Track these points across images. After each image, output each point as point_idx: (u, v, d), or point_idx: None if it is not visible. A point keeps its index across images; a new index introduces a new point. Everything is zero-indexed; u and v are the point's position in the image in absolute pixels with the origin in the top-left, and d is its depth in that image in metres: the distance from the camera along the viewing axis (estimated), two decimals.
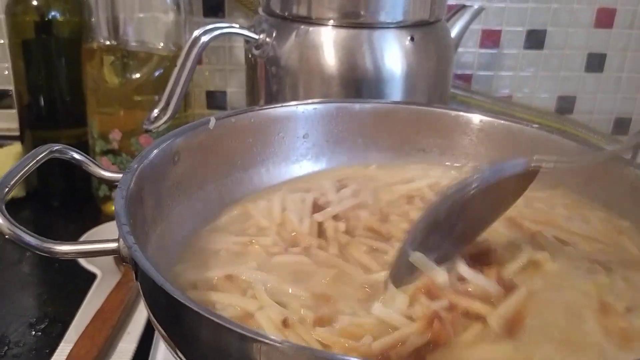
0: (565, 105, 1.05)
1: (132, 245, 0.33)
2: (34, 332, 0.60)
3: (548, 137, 0.53)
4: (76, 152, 0.46)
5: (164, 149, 0.46)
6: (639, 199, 0.47)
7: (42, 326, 0.61)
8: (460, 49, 1.00)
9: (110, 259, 0.68)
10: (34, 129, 0.85)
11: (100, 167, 0.46)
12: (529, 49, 1.00)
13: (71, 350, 0.56)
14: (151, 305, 0.35)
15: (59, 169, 0.84)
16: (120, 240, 0.36)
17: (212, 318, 0.29)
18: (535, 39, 1.00)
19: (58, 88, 0.84)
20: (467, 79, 1.03)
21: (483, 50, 1.01)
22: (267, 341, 0.29)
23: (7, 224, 0.36)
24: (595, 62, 1.02)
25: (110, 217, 0.77)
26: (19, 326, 0.61)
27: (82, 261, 0.69)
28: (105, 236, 0.69)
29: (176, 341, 0.33)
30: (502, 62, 1.02)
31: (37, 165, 0.43)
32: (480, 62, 1.02)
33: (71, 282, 0.67)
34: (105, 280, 0.67)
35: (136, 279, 0.36)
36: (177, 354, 0.34)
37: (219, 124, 0.52)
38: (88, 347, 0.57)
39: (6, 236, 0.37)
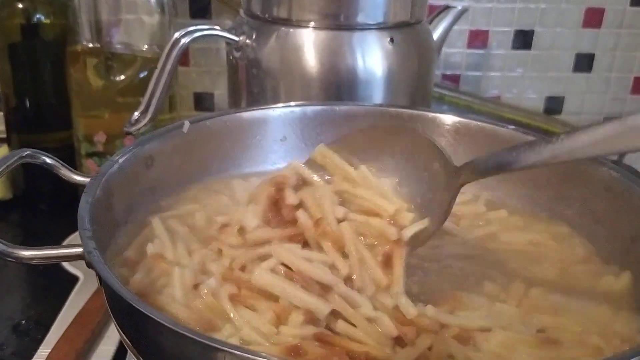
0: (554, 105, 1.05)
1: (91, 250, 0.33)
2: (16, 335, 0.60)
3: (524, 138, 0.53)
4: (47, 157, 0.46)
5: (135, 153, 0.46)
6: (612, 200, 0.47)
7: (25, 329, 0.61)
8: (448, 50, 1.00)
9: None
10: (20, 132, 0.85)
11: (72, 171, 0.46)
12: (517, 49, 1.00)
13: (49, 354, 0.56)
14: (113, 311, 0.35)
15: (46, 171, 0.84)
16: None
17: (166, 324, 0.29)
18: (523, 40, 1.00)
19: (44, 91, 0.84)
20: (455, 79, 1.02)
21: (471, 51, 1.01)
22: (230, 350, 0.29)
23: None
24: (584, 63, 1.02)
25: None
26: (2, 329, 0.61)
27: (65, 263, 0.69)
28: None
29: (138, 349, 0.33)
30: (490, 63, 1.01)
31: (7, 171, 0.43)
32: (469, 62, 1.01)
33: (55, 284, 0.67)
34: (86, 283, 0.67)
35: (100, 283, 0.36)
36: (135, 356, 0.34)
37: (193, 127, 0.52)
38: (66, 351, 0.57)
39: None
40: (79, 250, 0.37)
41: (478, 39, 1.00)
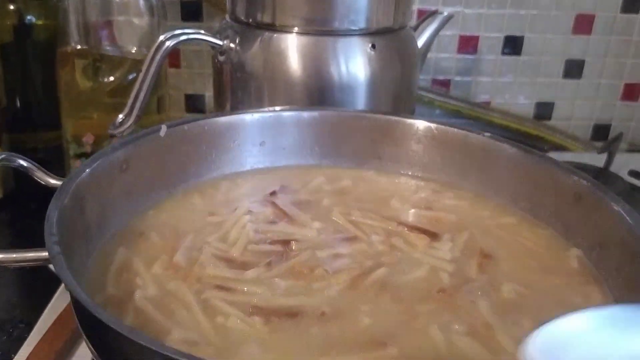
0: (544, 111, 1.05)
1: (55, 255, 0.34)
2: (1, 334, 0.60)
3: (498, 145, 0.54)
4: (22, 159, 0.47)
5: (109, 157, 0.47)
6: (582, 208, 0.47)
7: (9, 330, 0.61)
8: (438, 55, 1.01)
9: None
10: (11, 132, 0.86)
11: (47, 174, 0.47)
12: (507, 55, 1.01)
13: (29, 355, 0.56)
14: (77, 316, 0.36)
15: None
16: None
17: (127, 336, 0.29)
18: (513, 45, 1.00)
19: (35, 91, 0.84)
20: (445, 84, 1.03)
21: (461, 56, 1.01)
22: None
23: None
24: (574, 69, 1.02)
25: None
26: None
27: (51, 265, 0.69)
28: None
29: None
30: (480, 68, 1.02)
31: None
32: (459, 67, 1.02)
33: (41, 284, 0.67)
34: None
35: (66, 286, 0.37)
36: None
37: (170, 131, 0.52)
38: (46, 351, 0.57)
39: None
40: (44, 254, 0.37)
41: (468, 44, 1.00)
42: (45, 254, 0.37)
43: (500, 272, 0.45)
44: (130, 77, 0.80)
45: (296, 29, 0.65)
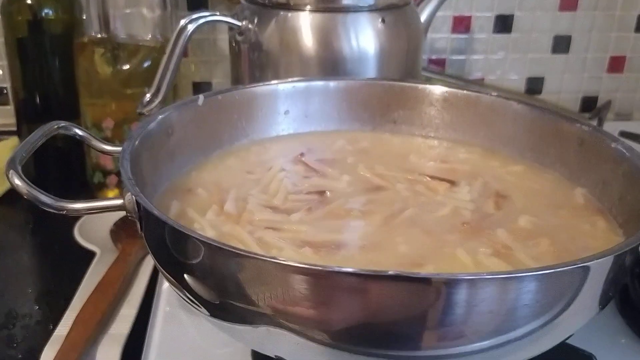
0: (535, 86, 1.10)
1: (138, 194, 0.38)
2: (38, 307, 0.63)
3: (505, 103, 0.59)
4: (79, 129, 0.51)
5: (160, 121, 0.52)
6: (585, 151, 0.53)
7: (46, 301, 0.65)
8: (433, 35, 1.06)
9: (107, 237, 0.73)
10: (30, 123, 0.89)
11: (101, 141, 0.51)
12: (498, 33, 1.06)
13: (77, 316, 0.60)
14: (155, 248, 0.40)
15: (54, 157, 0.88)
16: (126, 195, 0.41)
17: (212, 243, 0.33)
18: (503, 24, 1.05)
19: (52, 83, 0.87)
20: (441, 63, 1.08)
21: (455, 36, 1.06)
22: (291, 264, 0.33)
23: (25, 186, 0.41)
24: (562, 44, 1.07)
25: None
26: (25, 302, 0.64)
27: (81, 240, 0.73)
28: (100, 222, 0.72)
29: (184, 285, 0.38)
30: (473, 47, 1.07)
31: (46, 139, 0.48)
32: (453, 47, 1.07)
33: (71, 261, 0.70)
34: (103, 257, 0.70)
35: (141, 229, 0.41)
36: (186, 297, 0.38)
37: (207, 101, 0.57)
38: (92, 312, 0.61)
39: (24, 196, 0.42)
40: (119, 201, 0.42)
41: (461, 24, 1.05)
42: (118, 201, 0.42)
43: (514, 208, 0.51)
44: (146, 64, 0.84)
45: (309, 7, 0.70)
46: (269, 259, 0.34)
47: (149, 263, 0.67)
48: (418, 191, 0.53)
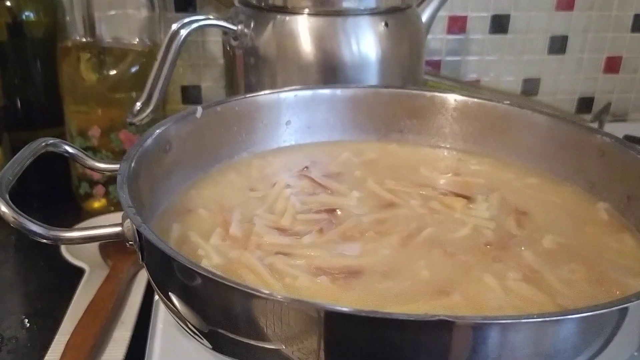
0: (531, 87, 1.08)
1: (140, 224, 0.35)
2: (26, 328, 0.61)
3: (519, 112, 0.56)
4: (69, 146, 0.47)
5: (157, 137, 0.48)
6: (607, 164, 0.50)
7: (35, 321, 0.62)
8: (429, 36, 1.02)
9: (96, 253, 0.69)
10: (11, 131, 0.85)
11: (93, 158, 0.48)
12: (494, 34, 1.04)
13: (68, 341, 0.56)
14: (160, 281, 0.37)
15: (38, 168, 0.84)
16: (125, 222, 0.38)
17: (229, 284, 0.30)
18: (499, 24, 1.03)
19: (33, 89, 0.84)
20: (436, 65, 1.05)
21: (450, 37, 1.03)
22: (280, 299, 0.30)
23: (12, 213, 0.38)
24: (558, 45, 1.06)
25: (91, 215, 0.78)
26: (11, 323, 0.61)
27: (69, 257, 0.70)
28: None
29: (188, 315, 0.35)
30: (468, 48, 1.05)
31: (34, 158, 0.44)
32: (448, 48, 1.04)
33: (59, 279, 0.68)
34: (93, 274, 0.67)
35: (142, 259, 0.38)
36: (187, 327, 0.35)
37: (205, 113, 0.54)
38: (84, 336, 0.57)
39: (11, 224, 0.38)
40: (117, 229, 0.39)
41: (457, 24, 1.03)
42: (116, 229, 0.39)
43: (537, 226, 0.48)
44: (133, 69, 0.80)
45: (307, 10, 0.67)
46: (289, 300, 0.30)
47: (142, 280, 0.64)
48: (433, 208, 0.50)
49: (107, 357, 0.55)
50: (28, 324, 0.61)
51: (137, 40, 0.81)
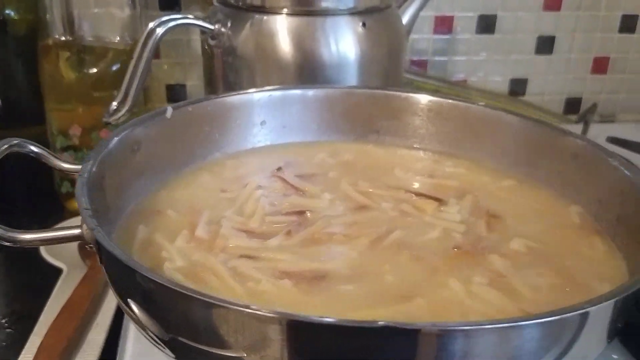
0: (518, 87, 1.08)
1: (94, 227, 0.34)
2: (3, 328, 0.60)
3: (493, 113, 0.56)
4: (34, 146, 0.47)
5: (123, 138, 0.47)
6: (579, 166, 0.50)
7: (11, 322, 0.61)
8: (415, 36, 1.02)
9: (75, 253, 0.69)
10: None
11: (58, 159, 0.47)
12: (481, 34, 1.03)
13: (41, 343, 0.56)
14: (118, 287, 0.36)
15: (19, 167, 0.83)
16: (84, 225, 0.37)
17: (181, 291, 0.30)
18: (486, 24, 1.02)
19: (15, 87, 0.83)
20: (422, 64, 1.05)
21: (437, 36, 1.03)
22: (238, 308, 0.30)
23: None
24: (545, 45, 1.05)
25: (74, 214, 0.77)
26: None
27: (47, 256, 0.69)
28: None
29: (147, 322, 0.35)
30: (455, 48, 1.04)
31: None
32: (435, 48, 1.04)
33: (36, 278, 0.67)
34: (71, 274, 0.67)
35: (101, 261, 0.37)
36: (147, 334, 0.35)
37: (176, 113, 0.53)
38: (57, 338, 0.57)
39: None
40: (77, 231, 0.38)
41: (443, 24, 1.02)
42: (75, 231, 0.38)
43: (508, 229, 0.47)
44: (114, 67, 0.80)
45: (286, 10, 0.66)
46: (239, 308, 0.30)
47: None
48: (405, 211, 0.49)
49: (80, 359, 0.54)
50: (5, 325, 0.61)
51: (119, 38, 0.80)
